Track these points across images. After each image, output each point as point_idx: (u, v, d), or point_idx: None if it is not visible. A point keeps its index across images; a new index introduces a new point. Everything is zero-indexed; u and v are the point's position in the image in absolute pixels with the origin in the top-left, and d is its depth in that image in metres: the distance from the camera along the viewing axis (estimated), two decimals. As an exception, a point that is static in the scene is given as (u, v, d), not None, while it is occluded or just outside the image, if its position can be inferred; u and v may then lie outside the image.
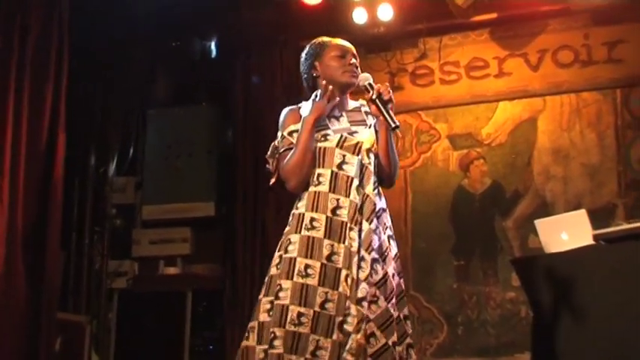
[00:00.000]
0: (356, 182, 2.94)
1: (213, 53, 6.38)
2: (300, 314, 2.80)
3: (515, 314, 5.47)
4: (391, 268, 2.96)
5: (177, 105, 6.36)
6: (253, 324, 2.92)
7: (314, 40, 3.28)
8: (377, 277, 2.87)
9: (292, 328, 2.79)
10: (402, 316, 2.95)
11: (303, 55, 3.26)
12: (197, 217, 6.02)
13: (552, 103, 5.69)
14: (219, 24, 6.19)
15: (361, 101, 3.18)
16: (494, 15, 5.79)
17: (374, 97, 2.97)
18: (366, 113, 3.13)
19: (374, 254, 2.88)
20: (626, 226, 3.73)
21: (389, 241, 3.04)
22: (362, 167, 2.99)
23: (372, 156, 3.04)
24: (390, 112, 2.95)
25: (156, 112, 6.38)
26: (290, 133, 3.07)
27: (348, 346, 2.77)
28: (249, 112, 6.07)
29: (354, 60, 3.15)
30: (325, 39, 3.25)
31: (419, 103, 6.06)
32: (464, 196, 5.80)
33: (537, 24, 5.77)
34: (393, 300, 2.90)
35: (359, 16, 5.74)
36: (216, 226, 6.06)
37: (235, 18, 6.03)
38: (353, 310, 2.79)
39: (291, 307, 2.81)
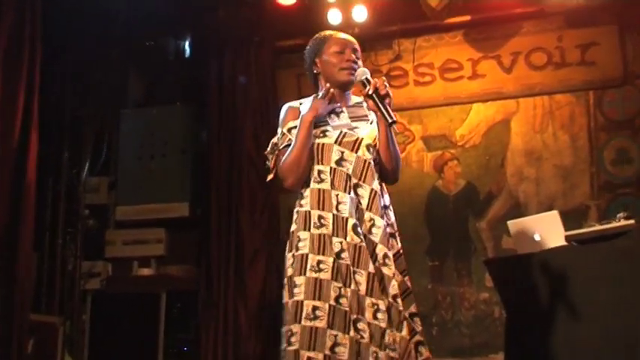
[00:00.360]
0: (354, 180, 2.94)
1: (188, 53, 6.35)
2: (315, 308, 2.80)
3: (488, 315, 5.51)
4: (393, 266, 2.94)
5: (152, 104, 6.32)
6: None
7: (316, 35, 3.25)
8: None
9: (308, 323, 2.79)
10: (407, 314, 2.92)
11: (306, 51, 3.24)
12: (171, 218, 5.98)
13: (525, 105, 5.74)
14: (194, 23, 6.17)
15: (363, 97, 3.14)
16: (467, 17, 5.83)
17: (370, 92, 2.94)
18: (368, 109, 3.08)
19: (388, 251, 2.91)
20: (598, 227, 3.76)
21: (391, 239, 3.03)
22: (363, 163, 2.97)
23: (373, 152, 3.02)
24: (388, 107, 2.92)
25: (130, 112, 6.33)
26: (289, 130, 3.06)
27: (387, 341, 2.78)
28: (224, 112, 6.04)
29: (353, 55, 3.11)
30: (327, 33, 3.22)
31: (393, 105, 6.06)
32: (438, 197, 5.83)
33: (511, 26, 5.82)
34: (398, 299, 2.87)
35: (333, 16, 5.75)
36: (191, 226, 6.03)
37: (210, 18, 6.02)
38: (382, 305, 2.80)
39: (306, 302, 2.81)
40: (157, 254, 6.04)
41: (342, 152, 2.98)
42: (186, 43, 6.39)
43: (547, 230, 3.93)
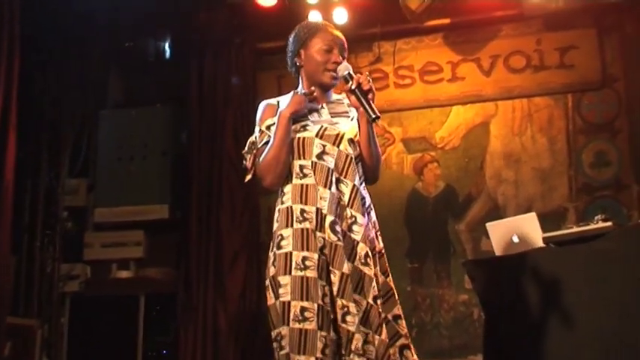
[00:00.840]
0: (336, 174, 2.86)
1: (168, 54, 6.32)
2: (303, 309, 2.70)
3: (467, 316, 5.53)
4: (377, 267, 2.89)
5: (131, 106, 6.29)
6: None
7: (304, 22, 3.17)
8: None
9: (297, 325, 2.69)
10: (390, 316, 2.86)
11: (291, 37, 3.12)
12: (150, 220, 5.95)
13: (504, 108, 5.77)
14: (174, 25, 6.15)
15: (344, 94, 3.06)
16: (447, 20, 5.85)
17: (353, 87, 2.85)
18: (349, 105, 3.02)
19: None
20: (576, 229, 3.79)
21: (377, 239, 2.99)
22: (345, 158, 2.89)
23: (355, 147, 2.94)
24: (371, 102, 2.84)
25: (109, 113, 6.29)
26: (268, 127, 2.96)
27: (354, 346, 2.70)
28: (205, 114, 6.03)
29: (340, 56, 3.01)
30: (317, 24, 3.12)
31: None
32: (418, 199, 5.85)
33: (490, 29, 5.85)
34: (380, 300, 2.79)
35: (314, 18, 5.74)
36: (170, 229, 6.00)
37: (190, 19, 6.00)
38: (352, 308, 2.72)
39: (293, 303, 2.71)
40: (136, 257, 6.01)
41: (324, 146, 2.89)
42: (167, 44, 6.36)
43: (525, 232, 3.96)
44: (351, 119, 2.99)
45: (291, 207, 2.84)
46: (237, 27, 6.07)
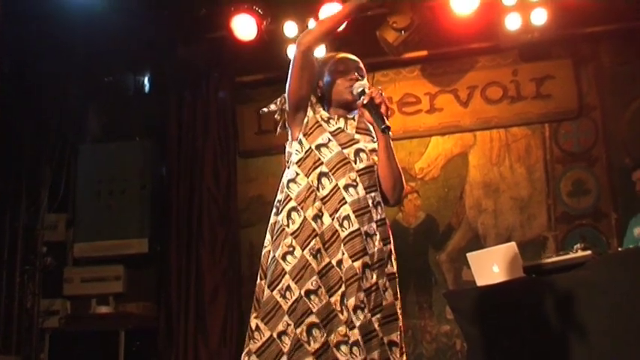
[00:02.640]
0: (361, 187, 2.79)
1: (147, 88, 6.33)
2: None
3: (450, 347, 5.52)
4: (384, 281, 2.81)
5: (110, 140, 6.28)
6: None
7: (322, 57, 3.15)
8: (366, 284, 2.72)
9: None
10: (386, 340, 2.74)
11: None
12: (130, 255, 5.92)
13: (482, 138, 5.82)
14: (153, 59, 6.17)
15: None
16: (424, 52, 5.91)
17: (365, 101, 2.82)
18: (366, 120, 2.93)
19: (367, 260, 2.75)
20: (555, 258, 3.80)
21: (390, 257, 2.91)
22: (367, 170, 2.85)
23: (375, 165, 2.89)
24: (382, 114, 2.80)
25: (88, 148, 6.27)
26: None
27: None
28: (184, 148, 6.03)
29: (356, 74, 2.97)
30: (331, 54, 3.11)
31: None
32: (398, 230, 5.84)
33: (467, 61, 5.92)
34: (378, 315, 2.72)
35: (293, 52, 5.78)
36: (150, 263, 5.97)
37: (169, 54, 6.01)
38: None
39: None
40: (115, 291, 5.96)
41: (346, 157, 2.82)
42: (146, 79, 6.38)
43: (505, 262, 3.97)
44: (374, 140, 2.93)
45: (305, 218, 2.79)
46: (216, 61, 6.10)
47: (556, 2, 5.34)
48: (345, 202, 2.77)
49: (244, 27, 5.60)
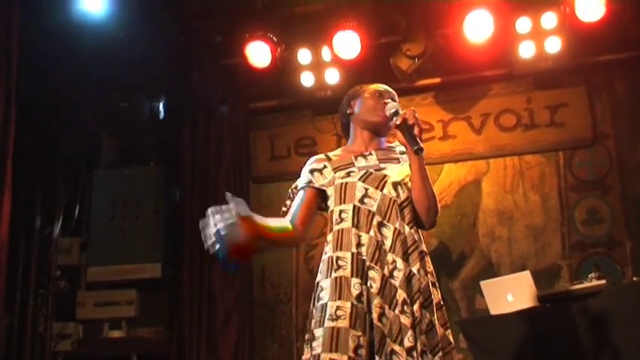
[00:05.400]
0: (378, 218, 2.76)
1: (162, 114, 6.37)
2: None
3: (463, 376, 5.47)
4: (435, 316, 2.70)
5: (125, 165, 6.31)
6: None
7: (360, 86, 3.13)
8: (423, 326, 2.65)
9: None
10: None
11: (344, 98, 3.12)
12: (143, 279, 5.92)
13: (496, 166, 5.81)
14: (168, 85, 6.22)
15: (397, 142, 2.94)
16: (438, 79, 5.93)
17: (398, 122, 2.78)
18: (401, 153, 2.93)
19: (420, 298, 2.67)
20: (570, 287, 3.78)
21: (431, 288, 2.77)
22: (389, 202, 2.78)
23: (401, 190, 2.81)
24: (415, 135, 2.75)
25: (103, 172, 6.31)
26: (311, 172, 2.95)
27: None
28: (197, 174, 6.06)
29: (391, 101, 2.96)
30: (368, 85, 3.08)
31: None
32: (411, 257, 5.83)
33: (480, 88, 5.93)
34: (440, 354, 2.65)
35: (306, 79, 5.83)
36: (163, 288, 5.97)
37: (184, 80, 6.06)
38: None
39: (323, 356, 2.59)
40: (128, 316, 5.95)
41: (367, 189, 2.80)
42: (161, 104, 6.42)
43: (520, 291, 3.95)
44: (401, 164, 2.90)
45: (332, 257, 2.77)
46: (230, 87, 6.14)
47: (570, 30, 5.35)
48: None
49: (259, 54, 5.64)
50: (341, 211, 2.81)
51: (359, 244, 2.73)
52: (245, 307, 5.84)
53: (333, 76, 5.80)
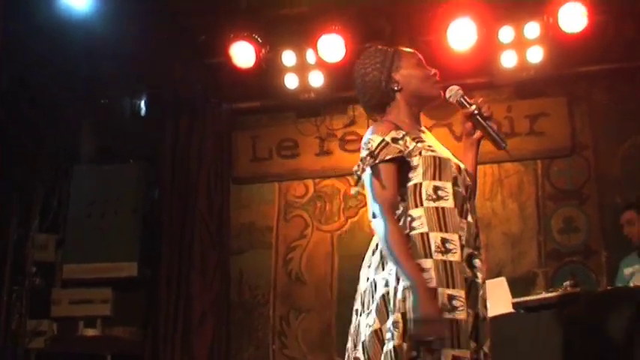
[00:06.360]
0: (467, 205, 2.50)
1: (144, 111, 6.34)
2: (455, 359, 2.30)
3: (437, 381, 5.48)
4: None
5: (105, 162, 6.27)
6: None
7: (376, 49, 2.72)
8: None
9: None
10: None
11: (366, 68, 2.66)
12: (119, 278, 5.88)
13: (475, 173, 5.83)
14: (151, 82, 6.19)
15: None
16: (421, 86, 5.93)
17: (476, 112, 2.60)
18: (467, 133, 2.75)
19: None
20: (544, 294, 3.80)
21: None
22: (467, 188, 2.53)
23: (469, 178, 2.58)
24: (495, 129, 2.60)
25: (82, 169, 6.26)
26: (394, 140, 2.48)
27: None
28: (177, 173, 6.04)
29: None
30: (395, 47, 2.74)
31: (347, 168, 6.07)
32: (389, 262, 5.84)
33: (462, 95, 5.94)
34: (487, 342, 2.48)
35: (290, 81, 5.84)
36: (139, 287, 5.94)
37: (167, 78, 6.05)
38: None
39: (445, 352, 2.29)
40: (103, 314, 5.91)
41: (457, 172, 2.52)
42: (143, 102, 6.39)
43: (495, 297, 3.94)
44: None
45: (427, 234, 2.39)
46: (213, 86, 6.14)
47: (552, 41, 5.40)
48: None
49: (243, 54, 5.65)
50: (437, 187, 2.45)
51: (460, 229, 2.43)
52: (222, 309, 5.82)
53: (317, 79, 5.82)
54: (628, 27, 5.33)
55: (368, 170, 2.48)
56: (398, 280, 2.37)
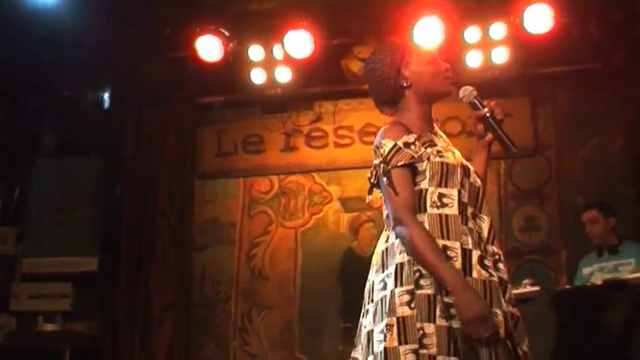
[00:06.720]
0: (471, 209, 2.48)
1: (106, 105, 6.27)
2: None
3: (396, 376, 5.50)
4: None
5: (66, 155, 6.19)
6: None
7: (387, 44, 2.69)
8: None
9: None
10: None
11: (375, 64, 2.63)
12: (79, 272, 5.82)
13: (439, 171, 5.85)
14: (114, 75, 6.12)
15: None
16: (387, 84, 5.95)
17: (488, 115, 2.60)
18: (479, 134, 2.73)
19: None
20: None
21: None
22: (478, 190, 2.53)
23: (479, 179, 2.58)
24: (505, 132, 2.58)
25: (43, 162, 6.18)
26: (407, 145, 2.46)
27: None
28: (139, 167, 5.99)
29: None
30: (402, 42, 2.73)
31: (313, 165, 6.14)
32: (352, 258, 5.86)
33: (428, 94, 5.96)
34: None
35: (257, 76, 5.81)
36: (99, 282, 5.87)
37: (131, 71, 5.98)
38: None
39: (439, 359, 2.27)
40: (62, 309, 5.84)
41: (462, 176, 2.50)
42: (106, 95, 6.32)
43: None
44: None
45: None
46: (178, 81, 6.07)
47: (517, 42, 5.44)
48: None
49: (209, 48, 5.59)
50: (442, 195, 2.44)
51: (464, 234, 2.41)
52: (182, 305, 5.78)
53: (283, 75, 5.80)
54: (593, 29, 5.37)
55: (383, 178, 2.49)
56: (396, 283, 2.39)
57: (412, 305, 2.35)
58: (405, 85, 2.59)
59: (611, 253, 4.64)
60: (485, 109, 2.61)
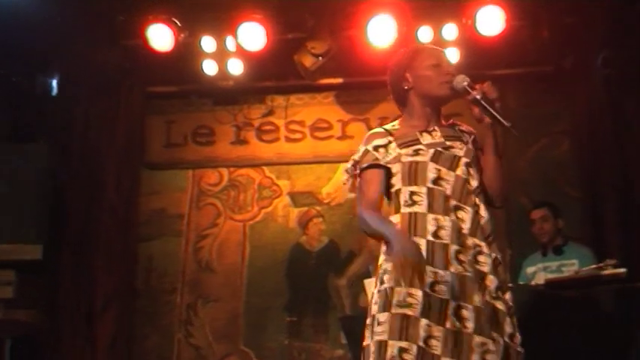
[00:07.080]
0: (454, 201, 2.56)
1: (55, 91, 6.15)
2: (401, 350, 2.40)
3: (342, 372, 5.55)
4: (508, 302, 2.58)
5: (11, 141, 6.06)
6: None
7: (407, 48, 2.89)
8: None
9: None
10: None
11: (391, 66, 2.85)
12: (23, 260, 5.69)
13: (389, 168, 5.91)
14: (64, 62, 6.01)
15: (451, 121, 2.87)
16: (340, 80, 6.00)
17: (478, 97, 2.64)
18: (461, 131, 2.81)
19: (507, 287, 2.57)
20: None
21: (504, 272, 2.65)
22: (463, 183, 2.61)
23: (474, 172, 2.65)
24: (499, 111, 2.63)
25: (-12, 147, 6.04)
26: (375, 148, 2.68)
27: None
28: (86, 155, 5.89)
29: (451, 67, 2.79)
30: (417, 44, 2.95)
31: (263, 159, 6.14)
32: (300, 252, 5.88)
33: (380, 92, 5.94)
34: (515, 339, 2.53)
35: (209, 67, 5.77)
36: (44, 270, 5.77)
37: (82, 57, 5.88)
38: (491, 345, 2.44)
39: (390, 342, 2.41)
40: (5, 297, 5.71)
41: (439, 170, 2.60)
42: (55, 81, 6.20)
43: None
44: (466, 142, 2.75)
45: None
46: (128, 69, 6.00)
47: (468, 43, 5.51)
48: None
49: (160, 37, 5.54)
50: (412, 193, 2.59)
51: (438, 229, 2.52)
52: (126, 295, 5.73)
53: (235, 67, 5.78)
54: (544, 32, 5.47)
55: (358, 180, 2.72)
56: (376, 284, 2.57)
57: (375, 300, 2.54)
58: (406, 87, 2.78)
59: (556, 253, 4.74)
60: (475, 92, 2.67)
